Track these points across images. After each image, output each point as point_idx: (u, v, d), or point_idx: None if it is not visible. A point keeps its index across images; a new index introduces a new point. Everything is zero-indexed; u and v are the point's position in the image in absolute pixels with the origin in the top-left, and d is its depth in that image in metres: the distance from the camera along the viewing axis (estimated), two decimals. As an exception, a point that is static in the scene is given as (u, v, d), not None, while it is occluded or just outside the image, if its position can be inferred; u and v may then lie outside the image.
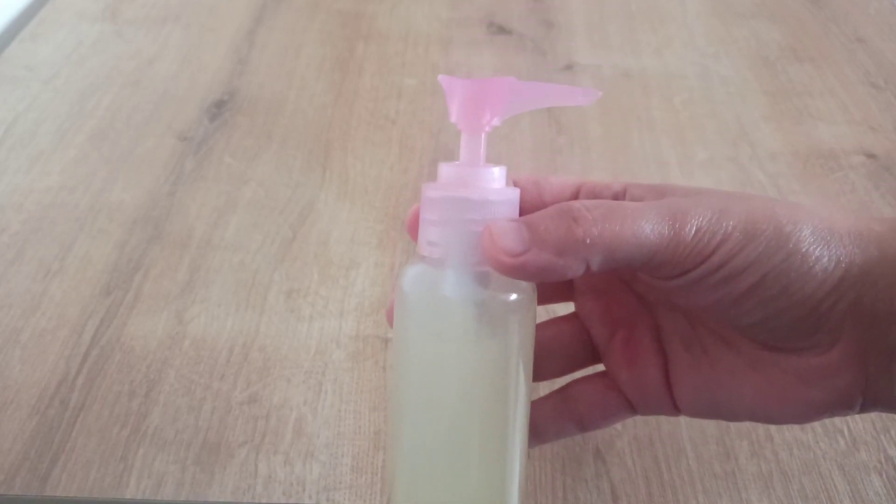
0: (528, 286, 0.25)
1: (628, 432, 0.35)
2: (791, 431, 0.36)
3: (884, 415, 0.36)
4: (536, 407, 0.29)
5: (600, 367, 0.31)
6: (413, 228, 0.26)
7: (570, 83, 0.59)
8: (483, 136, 0.26)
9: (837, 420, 0.36)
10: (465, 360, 0.25)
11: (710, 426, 0.36)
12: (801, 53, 0.63)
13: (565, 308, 0.32)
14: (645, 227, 0.23)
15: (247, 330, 0.40)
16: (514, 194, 0.25)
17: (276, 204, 0.48)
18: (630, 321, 0.29)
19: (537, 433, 0.29)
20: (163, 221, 0.46)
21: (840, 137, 0.54)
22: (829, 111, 0.56)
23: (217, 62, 0.61)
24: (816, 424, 0.36)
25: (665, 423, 0.36)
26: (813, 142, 0.54)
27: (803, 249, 0.23)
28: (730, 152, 0.52)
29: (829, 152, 0.53)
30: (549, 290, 0.30)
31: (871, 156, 0.52)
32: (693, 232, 0.23)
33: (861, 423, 0.36)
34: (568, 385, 0.30)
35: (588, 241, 0.23)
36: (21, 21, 0.67)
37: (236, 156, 0.52)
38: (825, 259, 0.24)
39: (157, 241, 0.45)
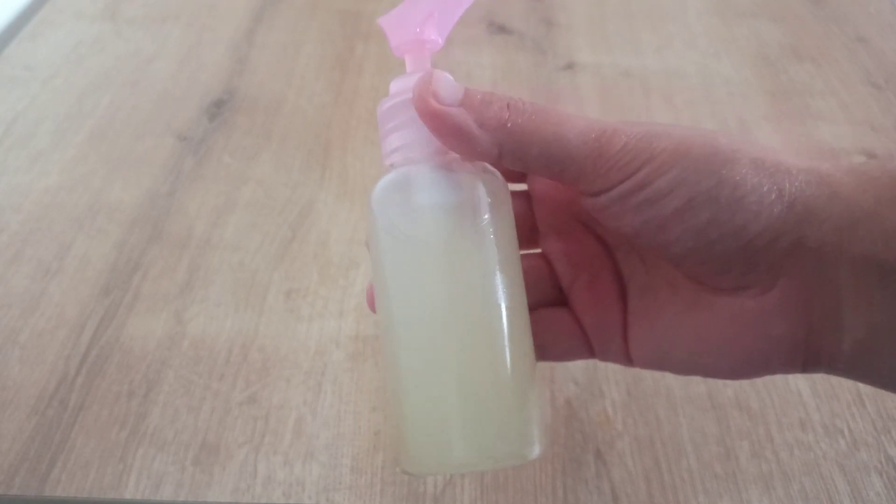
0: (499, 180, 0.25)
1: (629, 433, 0.35)
2: (791, 431, 0.35)
3: (884, 415, 0.36)
4: None
5: None
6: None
7: (571, 82, 0.59)
8: (426, 53, 0.26)
9: (838, 420, 0.36)
10: (447, 257, 0.25)
11: (711, 426, 0.36)
12: (801, 53, 0.63)
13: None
14: (569, 132, 0.23)
15: (246, 330, 0.40)
16: None
17: (275, 204, 0.48)
18: (592, 264, 0.28)
19: None
20: (162, 221, 0.46)
21: (841, 137, 0.54)
22: (829, 111, 0.56)
23: (216, 61, 0.61)
24: (817, 424, 0.36)
25: (665, 423, 0.36)
26: (814, 141, 0.53)
27: (737, 178, 0.22)
28: (730, 152, 0.52)
29: (830, 152, 0.52)
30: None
31: (871, 155, 0.52)
32: (619, 147, 0.23)
33: (861, 424, 0.36)
34: (537, 309, 0.29)
35: (509, 125, 0.23)
36: (21, 21, 0.67)
37: (235, 155, 0.51)
38: (764, 189, 0.22)
39: (156, 241, 0.45)
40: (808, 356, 0.23)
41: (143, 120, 0.55)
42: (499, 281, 0.25)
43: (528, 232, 0.29)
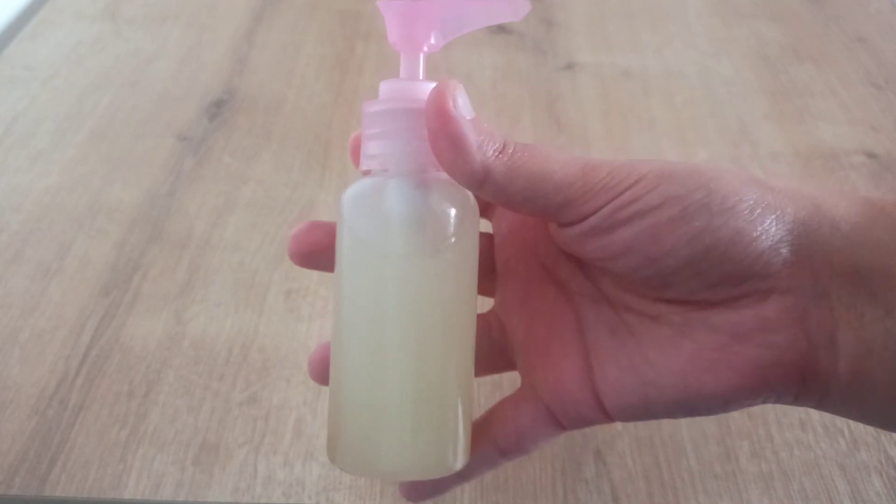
0: (472, 203, 0.25)
1: (629, 433, 0.35)
2: (791, 431, 0.35)
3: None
4: None
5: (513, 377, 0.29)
6: (356, 155, 0.26)
7: (571, 82, 0.59)
8: (421, 55, 0.26)
9: (838, 420, 0.36)
10: (406, 273, 0.24)
11: (711, 426, 0.36)
12: (801, 53, 0.63)
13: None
14: (554, 165, 0.24)
15: (246, 330, 0.40)
16: None
17: (275, 204, 0.48)
18: (549, 312, 0.28)
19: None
20: (162, 221, 0.46)
21: (841, 137, 0.54)
22: (829, 111, 0.56)
23: (216, 61, 0.61)
24: (817, 424, 0.36)
25: (665, 423, 0.36)
26: (814, 141, 0.53)
27: (726, 189, 0.23)
28: (731, 152, 0.52)
29: (830, 152, 0.52)
30: None
31: (871, 155, 0.52)
32: (604, 174, 0.24)
33: (861, 423, 0.36)
34: (490, 409, 0.28)
35: (499, 155, 0.24)
36: (21, 21, 0.67)
37: (235, 155, 0.51)
38: (752, 200, 0.23)
39: (156, 241, 0.45)
40: (808, 370, 0.23)
41: (143, 120, 0.55)
42: (452, 304, 0.25)
43: (485, 273, 0.28)
